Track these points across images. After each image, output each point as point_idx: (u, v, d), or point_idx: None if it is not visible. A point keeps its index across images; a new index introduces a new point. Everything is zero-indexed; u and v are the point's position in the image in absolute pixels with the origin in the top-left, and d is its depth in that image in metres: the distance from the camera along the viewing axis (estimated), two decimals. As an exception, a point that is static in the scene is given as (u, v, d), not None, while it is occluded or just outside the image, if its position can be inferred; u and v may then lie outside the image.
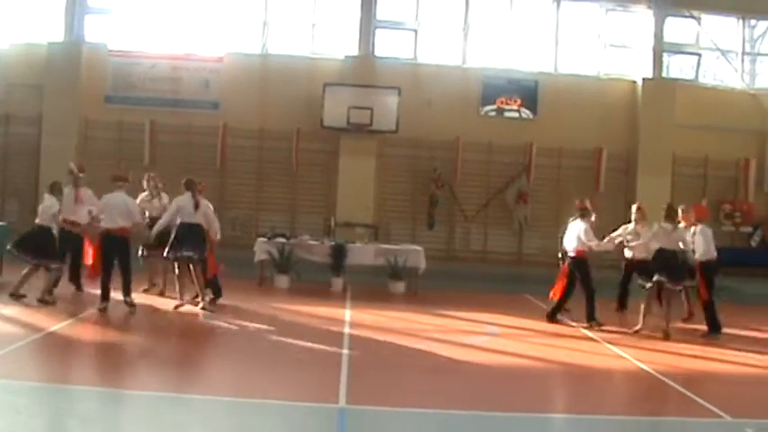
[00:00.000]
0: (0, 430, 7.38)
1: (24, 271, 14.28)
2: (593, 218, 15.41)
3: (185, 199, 14.64)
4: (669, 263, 14.23)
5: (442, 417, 8.86)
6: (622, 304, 16.89)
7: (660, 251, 14.36)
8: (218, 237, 15.35)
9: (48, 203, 14.48)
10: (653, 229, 14.83)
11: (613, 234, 16.12)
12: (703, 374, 11.79)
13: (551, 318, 15.24)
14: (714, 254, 14.90)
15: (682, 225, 14.76)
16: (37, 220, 14.42)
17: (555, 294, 15.38)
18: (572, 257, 15.17)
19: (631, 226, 16.16)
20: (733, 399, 9.98)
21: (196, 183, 14.91)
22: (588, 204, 15.67)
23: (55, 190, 14.71)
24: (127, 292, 13.86)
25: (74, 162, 16.76)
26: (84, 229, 14.89)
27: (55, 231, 14.40)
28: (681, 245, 14.41)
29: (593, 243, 15.10)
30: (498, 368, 11.61)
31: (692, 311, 15.91)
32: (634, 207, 16.57)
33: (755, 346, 13.86)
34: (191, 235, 14.50)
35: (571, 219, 15.67)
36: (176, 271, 14.91)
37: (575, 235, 15.12)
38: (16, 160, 25.34)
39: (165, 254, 14.65)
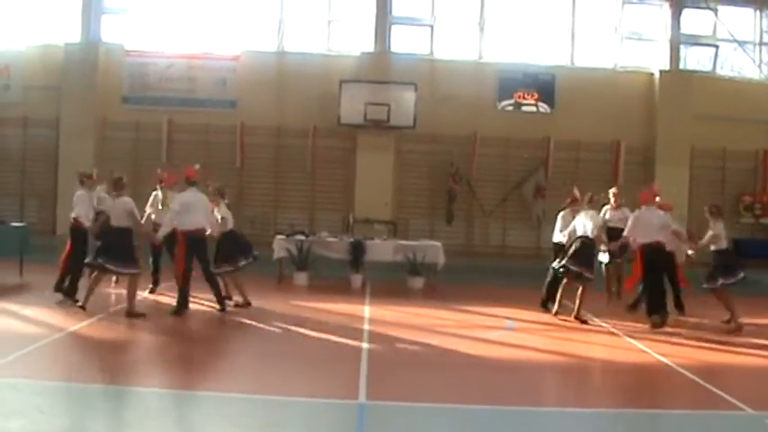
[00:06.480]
0: (23, 430, 7.43)
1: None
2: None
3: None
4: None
5: (461, 412, 8.85)
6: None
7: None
8: None
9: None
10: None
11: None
12: (724, 367, 11.71)
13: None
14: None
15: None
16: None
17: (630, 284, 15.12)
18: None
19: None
20: (754, 391, 9.93)
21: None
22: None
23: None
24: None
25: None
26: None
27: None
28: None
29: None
30: (518, 362, 11.59)
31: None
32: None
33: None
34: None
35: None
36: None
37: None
38: (35, 162, 25.52)
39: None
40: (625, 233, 14.56)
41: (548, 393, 10.26)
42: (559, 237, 15.60)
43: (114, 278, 15.21)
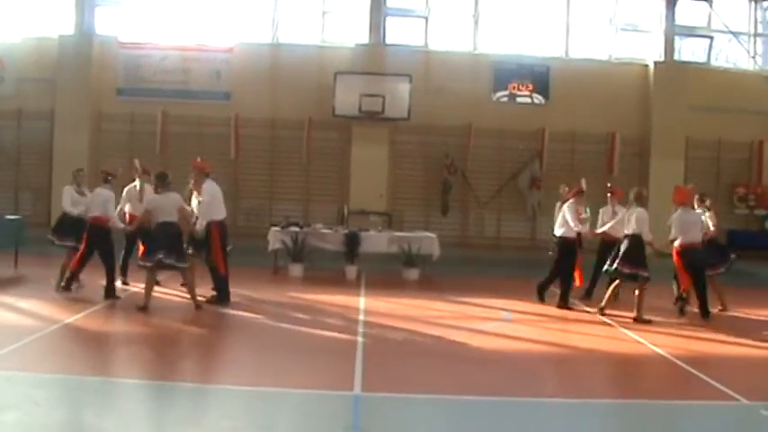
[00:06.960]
0: (19, 422, 7.43)
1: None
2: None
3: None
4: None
5: (457, 403, 8.86)
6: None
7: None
8: None
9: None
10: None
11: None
12: (719, 358, 11.73)
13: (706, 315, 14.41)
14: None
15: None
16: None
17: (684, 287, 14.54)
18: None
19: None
20: (749, 382, 9.96)
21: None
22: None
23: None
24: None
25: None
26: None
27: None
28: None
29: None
30: (513, 354, 11.61)
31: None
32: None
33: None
34: None
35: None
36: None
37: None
38: (30, 155, 25.44)
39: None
40: (673, 235, 14.30)
41: (543, 384, 10.25)
42: (561, 230, 15.30)
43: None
